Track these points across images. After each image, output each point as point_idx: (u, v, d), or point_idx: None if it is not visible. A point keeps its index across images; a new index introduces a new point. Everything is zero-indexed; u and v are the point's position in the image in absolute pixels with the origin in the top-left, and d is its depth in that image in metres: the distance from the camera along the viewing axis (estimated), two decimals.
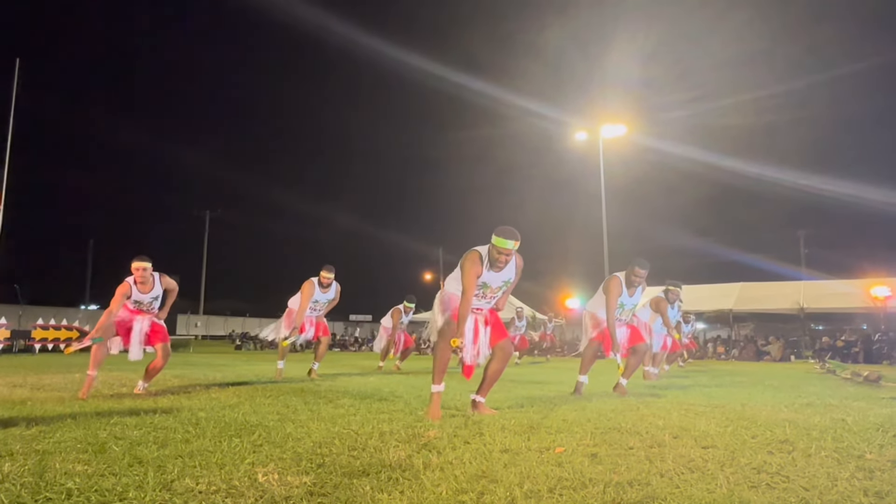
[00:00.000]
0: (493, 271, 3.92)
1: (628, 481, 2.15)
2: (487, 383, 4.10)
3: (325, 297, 7.30)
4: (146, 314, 5.32)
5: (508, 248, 3.81)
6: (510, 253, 3.83)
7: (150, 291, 5.25)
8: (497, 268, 3.91)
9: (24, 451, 2.56)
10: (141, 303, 5.24)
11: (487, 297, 4.04)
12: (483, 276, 3.89)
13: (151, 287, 5.25)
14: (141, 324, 5.26)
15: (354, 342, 28.38)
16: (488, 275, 3.92)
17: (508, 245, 3.80)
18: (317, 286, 7.20)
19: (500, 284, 4.00)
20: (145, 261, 5.13)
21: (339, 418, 3.58)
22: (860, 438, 3.01)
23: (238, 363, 11.24)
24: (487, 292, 4.01)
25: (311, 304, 7.23)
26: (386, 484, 2.11)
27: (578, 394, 5.30)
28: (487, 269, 3.89)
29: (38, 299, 27.84)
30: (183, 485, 2.07)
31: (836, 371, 9.66)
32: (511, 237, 3.80)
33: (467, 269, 3.82)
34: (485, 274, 3.90)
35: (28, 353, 14.74)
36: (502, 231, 3.81)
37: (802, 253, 36.87)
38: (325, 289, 7.25)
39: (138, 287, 5.18)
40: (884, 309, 18.30)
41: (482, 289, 3.96)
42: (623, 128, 24.03)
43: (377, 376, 7.87)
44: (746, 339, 21.75)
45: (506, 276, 3.98)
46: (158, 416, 3.53)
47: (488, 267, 3.88)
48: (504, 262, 3.87)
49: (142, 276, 5.13)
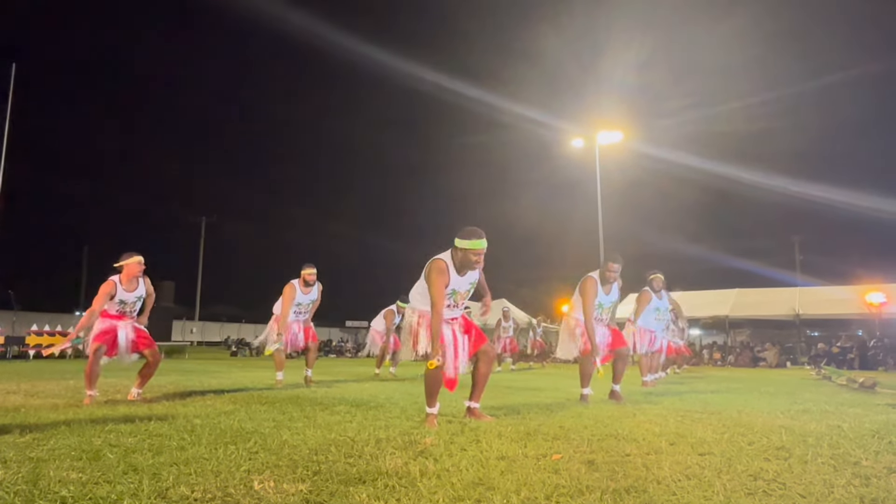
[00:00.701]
0: (459, 276, 3.89)
1: (625, 488, 2.15)
2: (478, 388, 4.10)
3: (307, 298, 7.26)
4: (128, 319, 5.23)
5: (483, 248, 3.79)
6: (483, 252, 3.81)
7: (136, 290, 5.20)
8: (464, 272, 3.89)
9: (18, 458, 2.54)
10: (125, 302, 5.16)
11: (459, 304, 4.01)
12: (452, 283, 3.85)
13: (136, 286, 5.21)
14: (125, 330, 5.17)
15: (351, 348, 28.29)
16: (457, 281, 3.88)
17: (483, 244, 3.79)
18: (298, 288, 7.15)
19: (467, 288, 3.99)
20: (139, 255, 5.16)
21: (336, 425, 3.57)
22: (856, 445, 3.02)
23: (234, 370, 11.20)
24: (458, 299, 3.97)
25: (295, 307, 7.18)
26: (382, 491, 2.11)
27: (585, 402, 5.27)
28: (456, 276, 3.86)
29: (33, 305, 27.72)
30: (178, 492, 2.06)
31: (831, 377, 9.68)
32: (483, 236, 3.80)
33: (435, 281, 3.75)
34: (453, 282, 3.86)
35: (22, 359, 14.65)
36: (472, 232, 3.79)
37: (798, 259, 37.01)
38: (308, 288, 7.21)
39: (124, 286, 5.13)
40: (879, 315, 18.36)
41: (452, 297, 3.91)
42: (619, 134, 24.10)
43: (373, 383, 7.85)
44: (742, 346, 21.78)
45: (471, 277, 3.96)
46: (153, 423, 3.52)
47: (456, 272, 3.86)
48: (478, 263, 3.85)
49: (138, 271, 5.13)
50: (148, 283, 5.35)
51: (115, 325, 5.15)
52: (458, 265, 3.85)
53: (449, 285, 3.82)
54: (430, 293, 3.77)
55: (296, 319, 7.31)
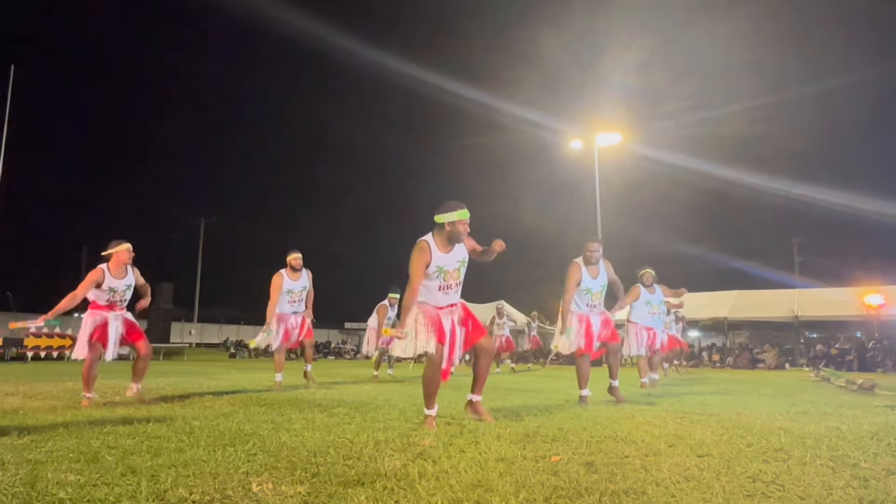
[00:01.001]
0: (443, 253, 3.86)
1: (624, 490, 2.15)
2: (479, 382, 4.07)
3: (297, 285, 7.13)
4: (118, 310, 5.17)
5: (466, 219, 3.83)
6: (467, 221, 3.85)
7: (124, 279, 5.17)
8: (450, 248, 3.87)
9: (16, 460, 2.54)
10: (115, 291, 5.11)
11: (451, 285, 3.90)
12: (434, 261, 3.83)
13: (126, 274, 5.18)
14: (116, 323, 5.12)
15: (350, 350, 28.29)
16: (441, 258, 3.85)
17: (467, 213, 3.83)
18: (285, 276, 7.08)
19: (456, 266, 3.90)
20: (128, 243, 5.16)
21: (334, 427, 3.57)
22: (855, 447, 3.02)
23: (232, 371, 11.19)
24: (448, 278, 3.88)
25: (287, 295, 7.08)
26: (381, 493, 2.10)
27: (584, 403, 5.27)
28: (439, 253, 3.84)
29: (31, 307, 27.68)
30: (176, 494, 2.05)
31: (830, 379, 9.68)
32: (464, 205, 3.84)
33: (414, 260, 3.79)
34: (436, 258, 3.83)
35: (20, 360, 14.64)
36: (454, 205, 3.82)
37: (796, 261, 37.04)
38: (296, 274, 7.12)
39: (112, 273, 5.10)
40: (877, 317, 18.38)
41: (441, 275, 3.85)
42: (618, 136, 24.14)
43: (372, 385, 7.85)
44: (741, 347, 21.79)
45: (459, 255, 3.92)
46: (152, 425, 3.51)
47: (439, 250, 3.84)
48: (466, 233, 3.86)
49: (127, 259, 5.12)
50: (137, 273, 5.30)
51: (106, 317, 5.11)
52: (444, 242, 3.85)
53: (432, 263, 3.81)
54: (410, 272, 3.79)
55: (292, 311, 7.17)
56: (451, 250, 3.88)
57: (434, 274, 3.83)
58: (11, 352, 15.33)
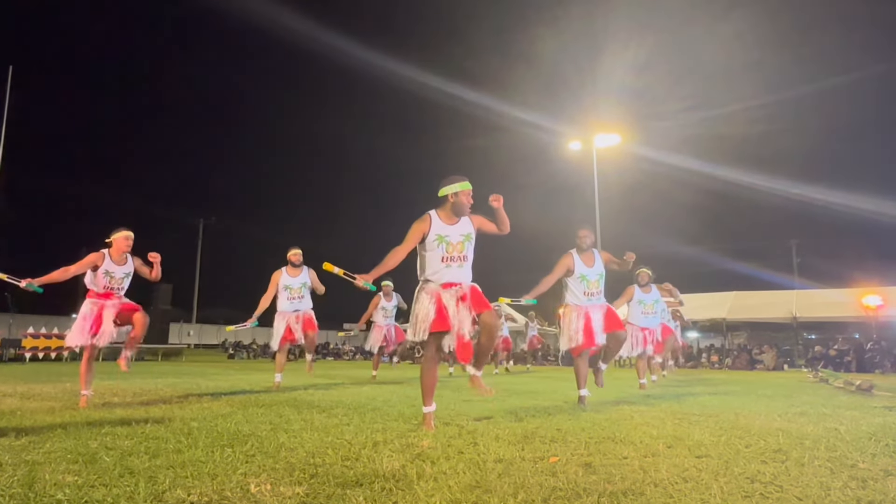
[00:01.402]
0: (447, 224, 3.88)
1: (622, 491, 2.15)
2: (479, 358, 3.95)
3: (295, 281, 7.08)
4: (115, 298, 5.13)
5: (470, 188, 3.90)
6: (469, 195, 3.90)
7: (124, 266, 5.17)
8: (454, 220, 3.90)
9: (14, 461, 2.53)
10: (113, 276, 5.09)
11: (454, 257, 3.86)
12: (435, 229, 3.85)
13: (125, 262, 5.19)
14: (110, 311, 5.07)
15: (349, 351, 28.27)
16: (443, 227, 3.87)
17: (469, 185, 3.89)
18: (284, 272, 7.08)
19: (460, 239, 3.89)
20: (129, 230, 5.19)
21: (333, 428, 3.56)
22: (853, 448, 3.02)
23: (231, 372, 11.18)
24: (451, 249, 3.86)
25: (286, 291, 7.06)
26: (379, 494, 2.10)
27: (583, 404, 5.25)
28: (441, 223, 3.87)
29: (29, 307, 27.62)
30: (174, 495, 2.05)
31: (828, 380, 9.69)
32: (466, 178, 3.91)
33: (412, 228, 3.86)
34: (437, 228, 3.86)
35: (18, 361, 14.61)
36: (457, 178, 3.91)
37: (795, 262, 37.07)
38: (296, 269, 7.08)
39: (113, 258, 5.11)
40: (875, 318, 18.40)
41: (442, 244, 3.85)
42: (617, 137, 24.15)
43: (370, 386, 7.84)
44: (740, 348, 21.80)
45: (463, 229, 3.91)
46: (150, 426, 3.51)
47: (442, 221, 3.88)
48: (469, 204, 3.91)
49: (125, 246, 5.13)
50: (139, 263, 5.27)
51: (103, 305, 5.08)
52: (448, 214, 3.91)
53: (431, 232, 3.85)
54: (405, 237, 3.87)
55: (292, 309, 7.12)
56: (457, 222, 3.91)
57: (434, 243, 3.84)
58: (9, 353, 15.30)
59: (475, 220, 4.00)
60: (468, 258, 3.94)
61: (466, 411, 4.57)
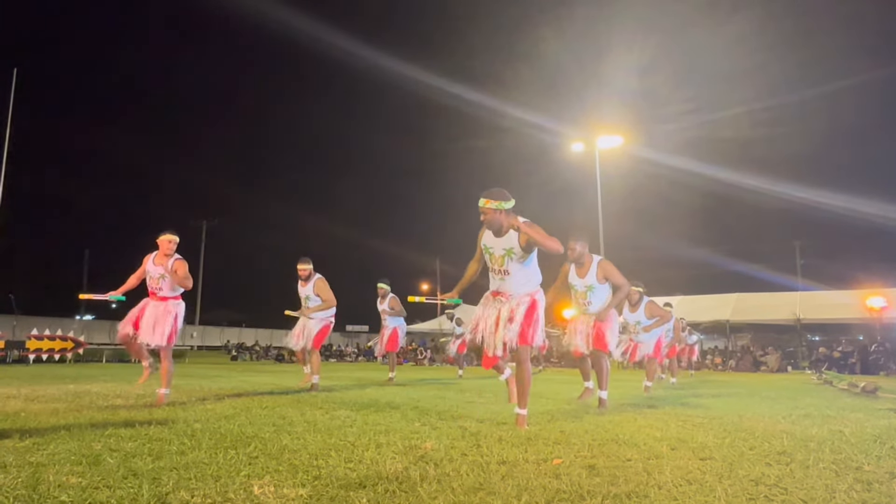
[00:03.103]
0: (491, 234, 3.96)
1: (626, 493, 2.14)
2: (515, 394, 4.04)
3: (302, 292, 7.10)
4: (158, 299, 5.33)
5: (480, 206, 3.89)
6: (484, 211, 3.87)
7: (162, 266, 5.33)
8: (492, 231, 3.94)
9: (18, 463, 2.54)
10: (151, 276, 5.35)
11: (496, 269, 3.97)
12: (483, 240, 4.01)
13: (166, 263, 5.33)
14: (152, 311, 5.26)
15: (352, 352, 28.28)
16: (488, 238, 3.98)
17: (479, 202, 3.88)
18: (299, 287, 7.11)
19: (501, 253, 3.93)
20: (173, 234, 5.39)
21: (336, 430, 3.56)
22: (858, 450, 3.01)
23: (234, 374, 11.19)
24: (493, 262, 3.97)
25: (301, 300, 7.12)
26: (383, 496, 2.10)
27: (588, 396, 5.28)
28: (490, 235, 3.97)
29: (33, 309, 27.70)
30: (178, 497, 2.05)
31: (832, 382, 9.66)
32: (484, 195, 3.88)
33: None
34: (485, 239, 4.00)
35: (22, 363, 14.64)
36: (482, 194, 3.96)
37: (798, 264, 37.00)
38: (304, 282, 7.07)
39: (155, 260, 5.36)
40: (879, 319, 18.34)
41: (488, 254, 3.99)
42: (619, 139, 24.13)
43: (374, 387, 7.84)
44: (743, 350, 21.75)
45: (506, 244, 3.91)
46: (153, 428, 3.51)
47: (493, 233, 3.95)
48: (486, 221, 3.91)
49: (167, 248, 5.32)
50: (178, 265, 5.30)
51: (148, 302, 5.32)
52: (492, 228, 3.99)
53: (480, 241, 4.06)
54: None
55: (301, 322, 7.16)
56: (504, 236, 3.92)
57: (484, 251, 4.05)
58: (13, 354, 15.33)
59: (523, 235, 3.89)
60: (510, 272, 3.93)
61: (470, 413, 4.56)
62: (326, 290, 7.01)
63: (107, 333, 31.60)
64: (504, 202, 3.83)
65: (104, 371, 11.70)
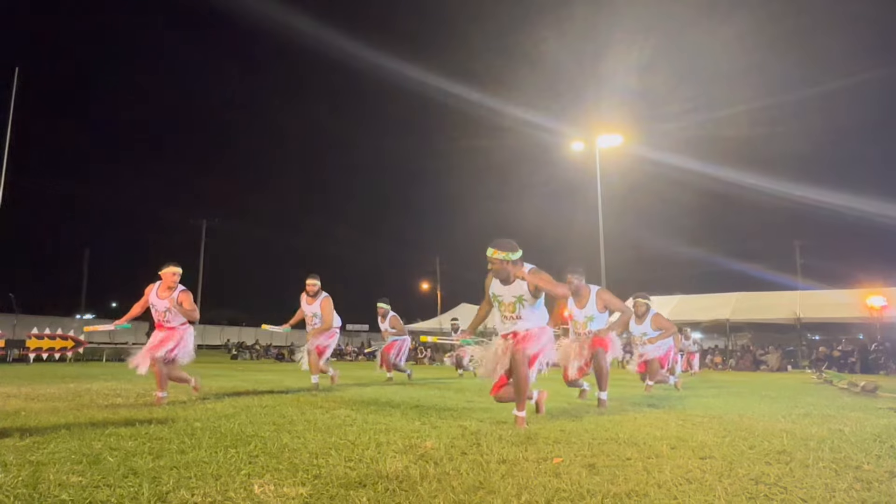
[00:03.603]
0: (499, 282, 4.06)
1: (626, 492, 2.14)
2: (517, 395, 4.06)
3: (310, 309, 7.14)
4: (164, 329, 5.35)
5: (488, 255, 3.96)
6: (492, 261, 3.96)
7: (165, 299, 5.32)
8: (499, 279, 4.03)
9: (18, 462, 2.54)
10: (156, 308, 5.34)
11: (507, 316, 4.07)
12: (491, 288, 4.10)
13: (170, 295, 5.32)
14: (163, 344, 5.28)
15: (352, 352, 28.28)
16: (496, 286, 4.08)
17: (488, 252, 3.96)
18: (303, 300, 7.18)
19: (512, 300, 4.03)
20: (176, 266, 5.38)
21: (336, 429, 3.56)
22: (858, 449, 3.01)
23: (234, 373, 11.19)
24: (503, 309, 4.08)
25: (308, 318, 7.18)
26: (383, 495, 2.10)
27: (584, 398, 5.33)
28: (497, 283, 4.06)
29: (34, 308, 27.71)
30: (178, 496, 2.05)
31: (832, 381, 9.67)
32: (492, 244, 3.96)
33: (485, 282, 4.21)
34: (493, 286, 4.09)
35: (22, 362, 14.64)
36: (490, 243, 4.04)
37: (798, 263, 36.96)
38: (312, 299, 7.12)
39: (158, 292, 5.34)
40: (879, 319, 18.33)
41: (497, 301, 4.10)
42: (619, 138, 24.10)
43: (374, 387, 7.84)
44: (743, 349, 21.75)
45: (515, 291, 4.01)
46: (153, 427, 3.51)
47: (500, 281, 4.05)
48: (493, 270, 3.99)
49: (170, 280, 5.32)
50: (181, 298, 5.29)
51: (156, 334, 5.35)
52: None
53: (489, 289, 4.14)
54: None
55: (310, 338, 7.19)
56: (511, 284, 4.01)
57: (493, 300, 4.15)
58: (14, 353, 15.34)
59: (531, 281, 3.92)
60: (522, 317, 4.04)
61: (470, 412, 4.56)
62: (329, 312, 7.06)
63: (107, 333, 31.62)
64: (512, 253, 3.91)
65: (104, 370, 11.70)
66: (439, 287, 43.21)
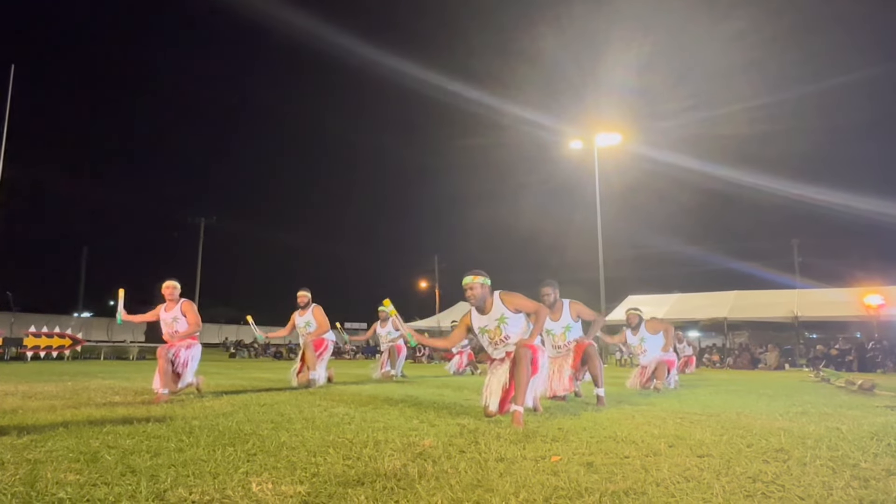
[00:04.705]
0: (479, 314, 4.21)
1: (624, 490, 2.15)
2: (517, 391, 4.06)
3: (301, 320, 7.27)
4: (170, 343, 5.54)
5: (465, 284, 4.16)
6: (471, 286, 4.12)
7: (171, 312, 5.67)
8: (477, 307, 4.19)
9: (16, 460, 2.53)
10: (165, 322, 5.66)
11: (496, 340, 4.17)
12: (475, 322, 4.25)
13: (172, 308, 5.69)
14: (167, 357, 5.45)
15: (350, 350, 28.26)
16: (477, 319, 4.23)
17: (466, 280, 4.16)
18: (296, 313, 7.33)
19: (495, 324, 4.15)
20: (173, 280, 5.73)
21: (334, 427, 3.56)
22: (855, 447, 3.02)
23: (232, 371, 11.19)
24: (491, 335, 4.19)
25: (297, 329, 7.35)
26: (381, 493, 2.10)
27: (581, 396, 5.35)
28: (478, 316, 4.21)
29: (31, 306, 27.66)
30: (176, 494, 2.05)
31: (830, 379, 9.68)
32: (469, 274, 4.15)
33: (459, 321, 4.42)
34: (476, 320, 4.23)
35: (20, 360, 14.62)
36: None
37: (796, 261, 37.01)
38: (303, 310, 7.30)
39: (166, 306, 5.71)
40: (877, 317, 18.37)
41: (484, 333, 4.21)
42: (618, 136, 24.13)
43: (372, 385, 7.84)
44: (741, 348, 21.77)
45: (495, 314, 4.15)
46: (151, 425, 3.51)
47: (476, 312, 4.22)
48: (472, 297, 4.14)
49: (168, 294, 5.66)
50: (184, 308, 5.67)
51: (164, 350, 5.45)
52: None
53: (473, 326, 4.28)
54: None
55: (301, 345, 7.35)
56: (489, 312, 4.17)
57: (479, 334, 4.28)
58: (11, 351, 15.31)
59: (509, 303, 4.13)
60: (510, 336, 4.14)
61: (468, 410, 4.57)
62: (322, 317, 7.27)
63: (105, 331, 31.58)
64: (485, 278, 4.16)
65: (102, 368, 11.69)
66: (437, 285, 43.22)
